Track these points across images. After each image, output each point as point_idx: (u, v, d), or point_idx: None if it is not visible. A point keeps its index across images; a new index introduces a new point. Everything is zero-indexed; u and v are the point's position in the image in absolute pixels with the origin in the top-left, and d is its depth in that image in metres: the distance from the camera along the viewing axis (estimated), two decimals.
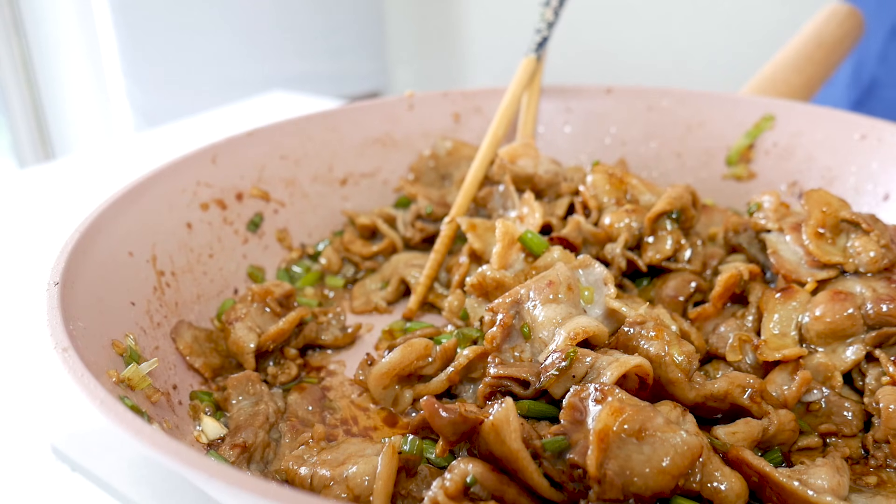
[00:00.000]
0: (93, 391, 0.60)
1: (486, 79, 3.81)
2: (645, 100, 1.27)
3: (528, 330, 0.78)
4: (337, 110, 1.24)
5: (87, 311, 0.76)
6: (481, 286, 0.89)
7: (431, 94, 1.28)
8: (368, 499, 0.66)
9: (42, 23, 3.44)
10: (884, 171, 1.08)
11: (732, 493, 0.63)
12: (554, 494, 0.62)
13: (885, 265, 0.82)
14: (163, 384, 0.81)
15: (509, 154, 1.09)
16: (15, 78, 3.47)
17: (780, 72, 1.35)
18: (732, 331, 0.84)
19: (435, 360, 0.84)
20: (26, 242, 1.39)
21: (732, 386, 0.74)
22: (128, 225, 0.91)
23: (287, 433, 0.80)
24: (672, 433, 0.62)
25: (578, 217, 0.98)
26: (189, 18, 3.11)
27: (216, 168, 1.07)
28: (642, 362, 0.70)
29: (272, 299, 0.94)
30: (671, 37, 3.22)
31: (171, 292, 0.94)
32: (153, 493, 0.78)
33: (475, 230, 0.98)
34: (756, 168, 1.20)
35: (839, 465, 0.67)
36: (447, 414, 0.64)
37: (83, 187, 1.60)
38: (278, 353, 0.93)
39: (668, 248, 0.95)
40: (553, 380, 0.71)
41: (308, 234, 1.17)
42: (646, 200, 0.99)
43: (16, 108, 3.52)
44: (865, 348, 0.79)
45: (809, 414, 0.78)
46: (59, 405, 0.93)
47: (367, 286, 1.09)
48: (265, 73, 3.20)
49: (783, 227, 0.89)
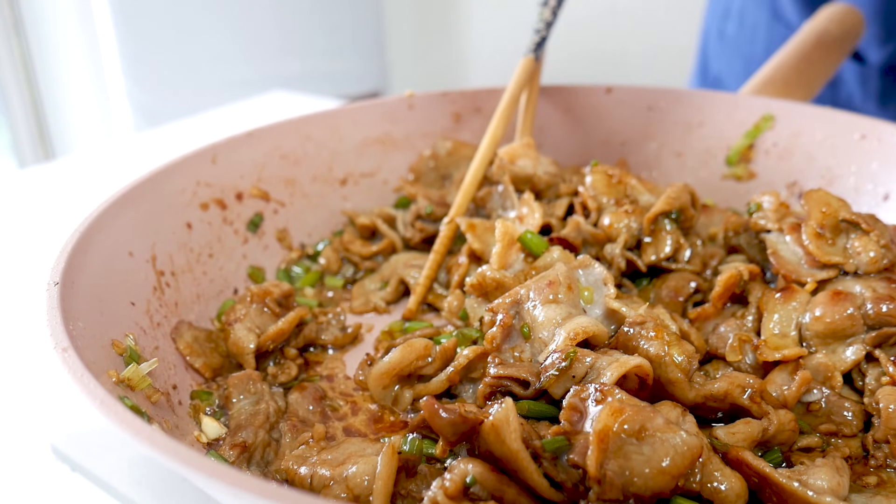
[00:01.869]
0: (93, 391, 0.60)
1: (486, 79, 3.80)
2: (645, 100, 1.27)
3: (528, 330, 0.78)
4: (337, 110, 1.24)
5: (87, 311, 0.76)
6: (481, 286, 0.89)
7: (431, 94, 1.28)
8: (368, 498, 0.66)
9: (42, 23, 3.44)
10: (884, 171, 1.08)
11: (732, 493, 0.63)
12: (554, 494, 0.62)
13: (885, 265, 0.82)
14: (163, 384, 0.81)
15: (509, 154, 1.09)
16: (15, 78, 3.47)
17: (780, 72, 1.35)
18: (732, 331, 0.84)
19: (435, 360, 0.84)
20: (26, 242, 1.39)
21: (732, 386, 0.74)
22: (128, 225, 0.91)
23: (287, 433, 0.80)
24: (672, 433, 0.62)
25: (578, 218, 0.98)
26: (189, 18, 3.11)
27: (216, 168, 1.07)
28: (642, 362, 0.70)
29: (271, 300, 0.94)
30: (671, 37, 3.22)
31: (170, 292, 0.94)
32: (153, 493, 0.78)
33: (474, 230, 0.98)
34: (756, 168, 1.20)
35: (839, 465, 0.67)
36: (447, 414, 0.64)
37: (83, 187, 1.60)
38: (278, 353, 0.93)
39: (667, 248, 0.95)
40: (553, 380, 0.71)
41: (308, 234, 1.17)
42: (645, 201, 0.99)
43: (16, 108, 3.52)
44: (865, 348, 0.79)
45: (809, 414, 0.78)
46: (59, 405, 0.93)
47: (366, 286, 1.09)
48: (265, 73, 3.20)
49: (783, 228, 0.89)
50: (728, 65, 1.80)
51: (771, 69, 1.36)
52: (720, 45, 1.81)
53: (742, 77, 1.65)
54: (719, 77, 1.83)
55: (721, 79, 1.82)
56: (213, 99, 2.42)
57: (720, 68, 1.83)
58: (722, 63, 1.81)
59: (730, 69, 1.80)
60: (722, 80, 1.82)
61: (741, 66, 1.75)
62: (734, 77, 1.77)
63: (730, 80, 1.79)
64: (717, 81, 1.84)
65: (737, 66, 1.77)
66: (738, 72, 1.76)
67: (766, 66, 1.38)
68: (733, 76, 1.77)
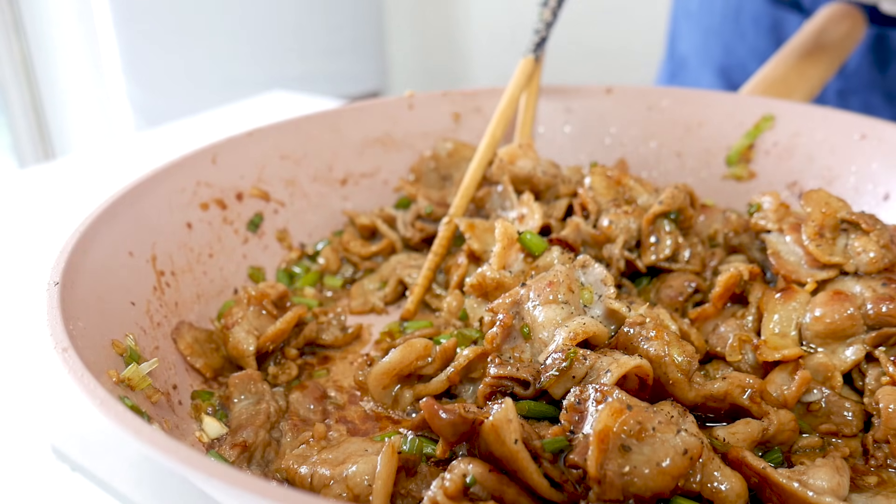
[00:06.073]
0: (93, 391, 0.60)
1: (486, 79, 3.81)
2: (645, 100, 1.27)
3: (528, 330, 0.78)
4: (337, 110, 1.24)
5: (87, 311, 0.76)
6: (481, 286, 0.89)
7: (431, 94, 1.28)
8: (368, 498, 0.66)
9: (42, 23, 3.44)
10: (884, 171, 1.08)
11: (732, 493, 0.63)
12: (554, 495, 0.62)
13: (885, 265, 0.82)
14: (163, 384, 0.81)
15: (508, 154, 1.09)
16: (15, 78, 3.47)
17: (780, 72, 1.35)
18: (732, 331, 0.84)
19: (435, 360, 0.84)
20: (26, 242, 1.39)
21: (732, 386, 0.74)
22: (128, 225, 0.91)
23: (288, 432, 0.80)
24: (672, 434, 0.62)
25: (577, 219, 0.98)
26: (189, 19, 3.11)
27: (216, 168, 1.07)
28: (642, 363, 0.70)
29: (268, 301, 0.94)
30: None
31: (170, 292, 0.94)
32: (153, 493, 0.78)
33: (473, 231, 0.98)
34: (756, 168, 1.20)
35: (839, 465, 0.67)
36: (447, 415, 0.64)
37: (83, 187, 1.60)
38: (279, 354, 0.93)
39: (666, 248, 0.95)
40: (553, 380, 0.71)
41: (308, 234, 1.17)
42: (644, 201, 0.99)
43: (16, 108, 3.52)
44: (865, 348, 0.79)
45: (809, 414, 0.78)
46: (59, 405, 0.93)
47: (365, 286, 1.09)
48: (265, 73, 3.21)
49: (783, 228, 0.89)
50: (690, 42, 1.83)
51: (771, 69, 1.36)
52: (686, 24, 1.84)
53: (702, 52, 1.69)
54: (685, 57, 1.85)
55: (686, 59, 1.85)
56: (213, 99, 2.42)
57: (685, 49, 1.86)
58: (687, 42, 1.84)
59: (692, 46, 1.83)
60: (687, 61, 1.85)
61: (700, 40, 1.78)
62: (696, 54, 1.80)
63: (694, 59, 1.82)
64: (683, 62, 1.86)
65: (697, 39, 1.79)
66: (698, 46, 1.79)
67: (766, 66, 1.38)
68: (696, 53, 1.80)
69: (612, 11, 3.34)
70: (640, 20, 3.30)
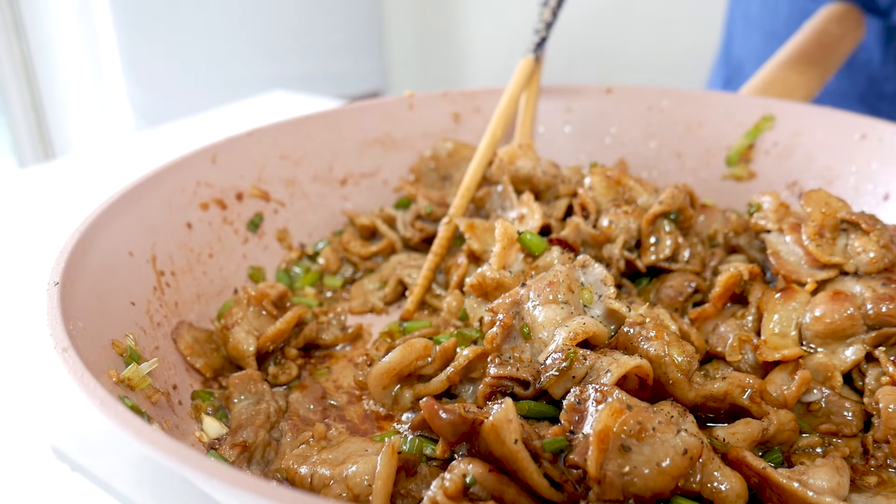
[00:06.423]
0: (93, 391, 0.60)
1: (486, 79, 3.81)
2: (645, 100, 1.27)
3: (528, 330, 0.78)
4: (337, 110, 1.24)
5: (87, 311, 0.76)
6: (481, 286, 0.89)
7: (431, 94, 1.28)
8: (368, 498, 0.66)
9: (42, 23, 3.44)
10: (884, 171, 1.08)
11: (732, 493, 0.63)
12: (554, 495, 0.62)
13: (885, 265, 0.82)
14: (163, 384, 0.81)
15: (508, 155, 1.09)
16: (15, 78, 3.47)
17: (780, 72, 1.35)
18: (732, 331, 0.84)
19: (434, 360, 0.84)
20: (26, 242, 1.39)
21: (732, 386, 0.74)
22: (128, 225, 0.91)
23: (288, 432, 0.80)
24: (672, 434, 0.62)
25: (577, 219, 0.98)
26: (189, 19, 3.11)
27: (216, 168, 1.07)
28: (642, 363, 0.70)
29: (268, 302, 0.94)
30: (671, 37, 3.22)
31: (171, 292, 0.94)
32: (153, 493, 0.78)
33: (473, 231, 0.98)
34: (756, 168, 1.20)
35: (839, 465, 0.67)
36: (447, 415, 0.64)
37: (83, 187, 1.60)
38: (279, 354, 0.93)
39: (666, 248, 0.95)
40: (553, 380, 0.71)
41: (308, 234, 1.17)
42: (644, 201, 0.99)
43: (16, 108, 3.52)
44: (865, 348, 0.79)
45: (809, 414, 0.78)
46: (59, 405, 0.93)
47: (365, 286, 1.09)
48: (265, 73, 3.20)
49: (783, 228, 0.89)
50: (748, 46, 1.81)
51: (771, 69, 1.37)
52: (745, 28, 1.82)
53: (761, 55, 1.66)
54: (741, 62, 1.83)
55: (742, 64, 1.83)
56: (213, 99, 2.42)
57: (741, 53, 1.84)
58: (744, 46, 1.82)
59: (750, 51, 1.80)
60: (743, 65, 1.83)
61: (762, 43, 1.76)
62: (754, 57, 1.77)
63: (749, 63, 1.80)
64: (739, 67, 1.84)
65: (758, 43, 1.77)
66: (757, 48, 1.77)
67: (766, 67, 1.39)
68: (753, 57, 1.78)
69: (611, 11, 3.34)
70: (640, 20, 3.30)
